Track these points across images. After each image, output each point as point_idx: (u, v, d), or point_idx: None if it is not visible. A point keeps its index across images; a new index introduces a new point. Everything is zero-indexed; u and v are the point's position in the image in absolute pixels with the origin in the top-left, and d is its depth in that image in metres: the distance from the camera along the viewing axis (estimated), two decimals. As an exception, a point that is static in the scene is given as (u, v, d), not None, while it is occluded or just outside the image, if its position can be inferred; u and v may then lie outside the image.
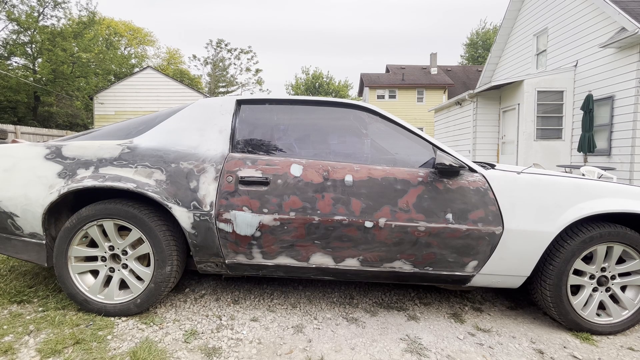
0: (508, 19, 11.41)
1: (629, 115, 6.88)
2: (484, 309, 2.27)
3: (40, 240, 2.00)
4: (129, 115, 16.64)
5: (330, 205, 1.87)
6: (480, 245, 1.88)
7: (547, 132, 8.63)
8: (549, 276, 1.90)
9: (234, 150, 2.01)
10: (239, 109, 2.12)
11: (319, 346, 1.77)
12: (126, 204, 1.93)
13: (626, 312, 1.96)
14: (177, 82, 18.81)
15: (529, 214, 1.86)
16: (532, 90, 8.52)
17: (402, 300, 2.35)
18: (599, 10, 7.65)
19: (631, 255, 1.93)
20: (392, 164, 1.99)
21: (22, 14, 19.06)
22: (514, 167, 2.49)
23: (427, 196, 1.88)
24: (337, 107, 2.14)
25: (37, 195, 1.93)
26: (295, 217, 1.87)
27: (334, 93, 35.37)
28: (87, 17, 21.44)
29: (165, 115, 2.14)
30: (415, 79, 24.78)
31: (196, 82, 31.85)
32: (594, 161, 7.77)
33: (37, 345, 1.68)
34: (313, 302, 2.28)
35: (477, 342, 1.86)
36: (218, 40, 31.92)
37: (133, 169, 1.93)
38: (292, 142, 2.07)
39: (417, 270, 1.95)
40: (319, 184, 1.89)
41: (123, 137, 2.08)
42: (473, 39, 35.70)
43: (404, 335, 1.91)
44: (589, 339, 1.90)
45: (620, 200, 1.90)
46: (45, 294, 2.22)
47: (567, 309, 1.91)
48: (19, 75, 19.22)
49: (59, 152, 1.99)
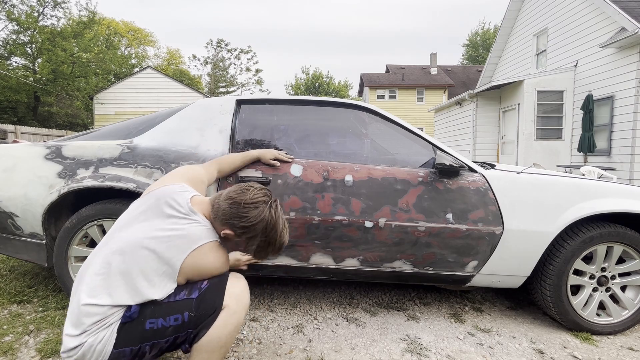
0: (508, 19, 11.41)
1: (629, 115, 6.88)
2: (484, 309, 2.28)
3: (40, 240, 2.00)
4: (129, 115, 16.64)
5: (330, 205, 1.87)
6: (480, 245, 1.88)
7: (547, 132, 8.64)
8: (549, 276, 1.90)
9: (234, 150, 2.01)
10: (239, 109, 2.12)
11: (319, 346, 1.77)
12: (126, 204, 1.93)
13: (626, 312, 1.96)
14: (177, 82, 18.82)
15: (529, 214, 1.86)
16: (532, 90, 8.53)
17: (402, 300, 2.35)
18: (599, 10, 7.65)
19: (631, 255, 1.93)
20: (392, 164, 1.99)
21: (22, 14, 19.06)
22: (514, 167, 2.49)
23: (427, 196, 1.88)
24: (337, 107, 2.14)
25: (37, 195, 1.93)
26: (295, 217, 1.87)
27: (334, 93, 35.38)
28: (87, 17, 21.45)
29: (165, 115, 2.14)
30: (415, 79, 24.79)
31: (196, 82, 31.87)
32: (594, 161, 7.78)
33: (37, 345, 1.68)
34: (313, 302, 2.28)
35: (477, 342, 1.86)
36: (218, 40, 31.98)
37: (133, 169, 1.93)
38: (292, 142, 2.07)
39: (417, 270, 1.95)
40: (319, 184, 1.89)
41: (123, 137, 2.08)
42: (472, 39, 35.70)
43: (404, 335, 1.91)
44: (589, 339, 1.90)
45: (621, 200, 1.89)
46: (45, 294, 2.22)
47: (567, 309, 1.91)
48: (19, 75, 19.22)
49: (59, 152, 1.99)
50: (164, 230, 1.20)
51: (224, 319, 1.18)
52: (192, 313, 1.16)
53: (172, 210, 1.25)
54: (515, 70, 11.26)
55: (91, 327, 1.08)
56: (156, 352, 1.17)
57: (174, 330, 1.15)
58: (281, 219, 1.31)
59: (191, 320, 1.16)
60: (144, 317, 1.13)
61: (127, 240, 1.18)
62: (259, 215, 1.25)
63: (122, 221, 1.27)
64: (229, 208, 1.26)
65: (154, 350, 1.16)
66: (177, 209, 1.26)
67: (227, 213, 1.26)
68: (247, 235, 1.27)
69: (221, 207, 1.27)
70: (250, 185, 1.32)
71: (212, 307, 1.18)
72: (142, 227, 1.21)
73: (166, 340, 1.15)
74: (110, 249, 1.18)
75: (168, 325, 1.14)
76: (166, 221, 1.23)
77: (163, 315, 1.14)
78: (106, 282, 1.12)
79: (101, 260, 1.17)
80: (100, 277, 1.13)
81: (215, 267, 1.26)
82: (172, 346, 1.18)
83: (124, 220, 1.26)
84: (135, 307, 1.13)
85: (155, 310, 1.14)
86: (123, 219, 1.27)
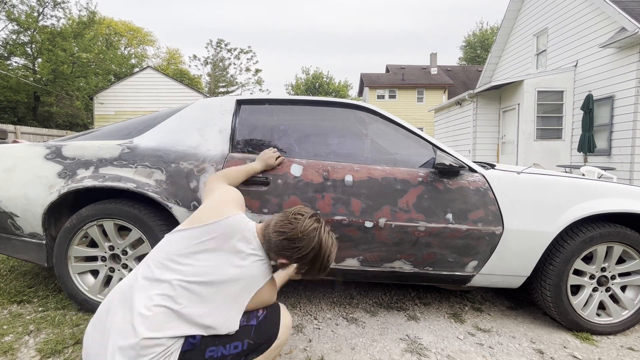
0: (508, 19, 11.41)
1: (629, 115, 6.88)
2: (484, 309, 2.28)
3: (40, 240, 2.00)
4: (129, 115, 16.64)
5: (330, 205, 1.87)
6: (480, 245, 1.88)
7: (547, 132, 8.64)
8: (549, 276, 1.90)
9: (234, 150, 2.01)
10: (239, 109, 2.12)
11: (319, 346, 1.77)
12: (126, 204, 1.93)
13: (626, 312, 1.96)
14: (177, 82, 18.82)
15: (529, 214, 1.86)
16: (532, 90, 8.52)
17: (402, 300, 2.35)
18: (599, 10, 7.65)
19: (631, 255, 1.93)
20: (392, 164, 1.98)
21: (22, 14, 19.05)
22: (514, 167, 2.49)
23: (427, 196, 1.88)
24: (337, 107, 2.14)
25: (37, 195, 1.93)
26: (295, 217, 1.86)
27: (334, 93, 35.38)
28: (87, 17, 21.44)
29: (165, 115, 2.14)
30: (415, 79, 24.78)
31: (196, 82, 31.86)
32: (594, 161, 7.78)
33: (37, 345, 1.68)
34: (313, 302, 2.28)
35: (477, 342, 1.86)
36: (218, 40, 31.97)
37: (133, 169, 1.93)
38: (292, 142, 2.07)
39: (417, 270, 1.95)
40: (319, 184, 1.89)
41: (123, 137, 2.08)
42: (470, 40, 35.70)
43: (404, 335, 1.91)
44: (589, 339, 1.90)
45: (621, 200, 1.89)
46: (45, 294, 2.22)
47: (567, 309, 1.91)
48: (19, 75, 19.22)
49: (59, 152, 1.98)
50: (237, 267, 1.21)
51: (274, 348, 1.24)
52: (252, 341, 1.19)
53: (244, 245, 1.25)
54: (515, 70, 11.26)
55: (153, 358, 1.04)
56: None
57: (233, 358, 1.16)
58: (331, 244, 1.30)
59: (249, 347, 1.18)
60: (205, 345, 1.12)
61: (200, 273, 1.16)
62: (310, 246, 1.24)
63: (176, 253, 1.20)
64: (280, 242, 1.24)
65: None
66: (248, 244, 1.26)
67: (280, 246, 1.25)
68: (299, 262, 1.28)
69: (272, 240, 1.25)
70: (298, 214, 1.29)
71: (268, 336, 1.23)
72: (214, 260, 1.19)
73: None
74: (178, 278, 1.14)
75: (228, 354, 1.14)
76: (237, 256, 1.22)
77: (224, 344, 1.15)
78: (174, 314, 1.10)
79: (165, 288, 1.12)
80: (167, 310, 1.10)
81: (271, 299, 1.32)
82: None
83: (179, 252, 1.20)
84: (199, 335, 1.12)
85: (216, 338, 1.14)
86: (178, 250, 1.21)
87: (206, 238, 1.22)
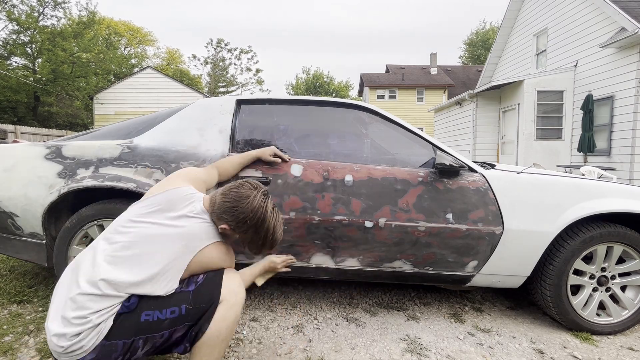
0: (508, 18, 11.41)
1: (629, 115, 6.88)
2: (484, 309, 2.28)
3: (40, 240, 2.00)
4: (129, 115, 16.64)
5: (330, 205, 1.87)
6: (480, 245, 1.88)
7: (547, 132, 8.64)
8: (549, 276, 1.90)
9: (234, 150, 2.01)
10: (239, 109, 2.12)
11: (319, 346, 1.77)
12: (126, 203, 1.92)
13: (626, 312, 1.96)
14: (177, 82, 18.82)
15: (529, 214, 1.86)
16: (532, 90, 8.53)
17: (402, 300, 2.35)
18: (599, 10, 7.65)
19: (631, 255, 1.93)
20: (392, 164, 1.98)
21: (22, 14, 19.05)
22: (514, 167, 2.49)
23: (427, 196, 1.88)
24: (337, 107, 2.14)
25: (37, 195, 1.93)
26: (296, 217, 1.87)
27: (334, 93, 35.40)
28: (87, 17, 21.45)
29: (165, 115, 2.14)
30: (415, 79, 24.79)
31: (196, 82, 31.86)
32: (594, 161, 7.78)
33: (37, 345, 1.68)
34: (313, 302, 2.28)
35: (477, 342, 1.86)
36: (218, 40, 31.96)
37: (133, 169, 1.93)
38: (292, 142, 2.07)
39: (417, 270, 1.95)
40: (319, 184, 1.89)
41: (123, 137, 2.08)
42: (472, 39, 35.71)
43: (404, 335, 1.91)
44: (589, 339, 1.90)
45: (621, 200, 1.89)
46: (45, 294, 2.22)
47: (567, 308, 1.91)
48: (19, 75, 19.22)
49: (59, 152, 1.98)
50: (179, 227, 1.23)
51: (223, 313, 1.19)
52: (190, 305, 1.16)
53: (187, 210, 1.28)
54: (515, 70, 11.26)
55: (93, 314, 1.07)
56: (149, 349, 1.15)
57: (171, 324, 1.14)
58: (271, 212, 1.32)
59: (189, 313, 1.16)
60: (140, 308, 1.13)
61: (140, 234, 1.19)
62: (250, 209, 1.27)
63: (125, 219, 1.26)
64: (222, 202, 1.28)
65: (147, 346, 1.14)
66: (192, 209, 1.29)
67: (221, 207, 1.28)
68: (240, 229, 1.29)
69: (217, 201, 1.30)
70: (246, 181, 1.34)
71: (209, 300, 1.19)
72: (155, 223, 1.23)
73: (161, 334, 1.14)
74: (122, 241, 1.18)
75: (164, 318, 1.14)
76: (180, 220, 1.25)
77: (159, 308, 1.14)
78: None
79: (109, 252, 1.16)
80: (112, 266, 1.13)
81: (219, 265, 1.28)
82: (166, 342, 1.17)
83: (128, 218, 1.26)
84: (134, 298, 1.13)
85: (151, 302, 1.14)
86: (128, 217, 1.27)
87: (154, 207, 1.28)
